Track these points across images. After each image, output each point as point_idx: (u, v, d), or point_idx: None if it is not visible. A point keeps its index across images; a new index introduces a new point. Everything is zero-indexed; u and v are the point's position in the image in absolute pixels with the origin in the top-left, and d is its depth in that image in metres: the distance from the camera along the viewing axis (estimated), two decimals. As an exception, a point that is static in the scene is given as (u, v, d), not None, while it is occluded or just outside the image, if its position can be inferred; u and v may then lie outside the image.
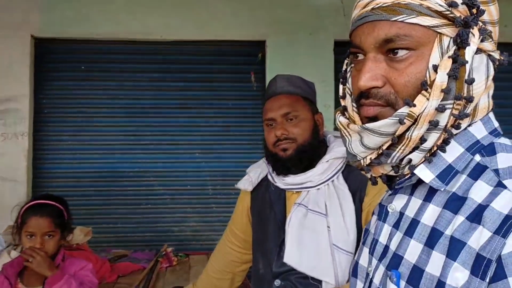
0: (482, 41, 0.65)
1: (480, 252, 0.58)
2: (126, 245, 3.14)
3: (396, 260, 0.70)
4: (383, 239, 0.76)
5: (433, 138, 0.66)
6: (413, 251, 0.68)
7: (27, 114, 3.15)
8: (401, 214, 0.73)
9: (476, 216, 0.61)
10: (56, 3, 3.17)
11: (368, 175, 0.76)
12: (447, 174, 0.67)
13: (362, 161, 0.71)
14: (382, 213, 0.78)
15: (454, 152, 0.67)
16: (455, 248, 0.61)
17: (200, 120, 3.39)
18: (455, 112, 0.65)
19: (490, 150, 0.66)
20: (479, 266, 0.58)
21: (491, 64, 0.67)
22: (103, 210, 3.32)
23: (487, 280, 0.56)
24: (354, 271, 0.85)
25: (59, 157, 3.29)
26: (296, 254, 1.48)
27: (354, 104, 0.74)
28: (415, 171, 0.68)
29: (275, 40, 3.27)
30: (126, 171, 3.35)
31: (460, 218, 0.62)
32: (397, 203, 0.75)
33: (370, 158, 0.70)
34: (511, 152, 0.65)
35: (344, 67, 0.80)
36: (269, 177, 1.61)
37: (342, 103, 0.78)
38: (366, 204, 1.46)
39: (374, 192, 1.47)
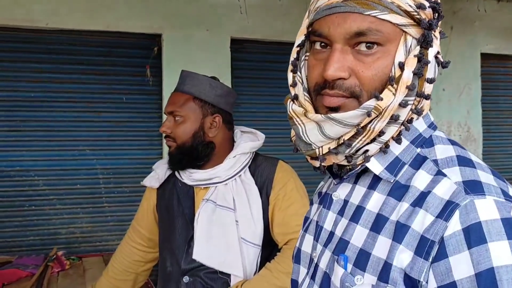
0: None
1: (424, 234, 0.62)
2: (9, 251, 2.86)
3: (342, 245, 0.73)
4: (328, 226, 0.79)
5: (391, 131, 0.69)
6: (359, 236, 0.71)
7: None
8: (345, 201, 0.76)
9: (419, 202, 0.65)
10: None
11: (317, 164, 0.76)
12: (395, 166, 0.71)
13: (317, 150, 0.72)
14: (327, 201, 0.80)
15: (400, 145, 0.72)
16: (400, 232, 0.65)
17: (90, 115, 3.20)
18: (413, 107, 0.69)
19: (428, 142, 0.72)
20: (422, 247, 0.62)
21: (437, 66, 0.72)
22: (-22, 214, 2.99)
23: (430, 260, 0.61)
24: (296, 258, 0.87)
25: None
26: (205, 250, 1.49)
27: (306, 94, 0.75)
28: (368, 165, 0.71)
29: (171, 34, 3.21)
30: (6, 170, 3.05)
31: (404, 205, 0.66)
32: (342, 191, 0.78)
33: (329, 148, 0.71)
34: (446, 144, 0.71)
35: (295, 55, 0.79)
36: (176, 173, 1.60)
37: (292, 92, 0.78)
38: (272, 198, 1.52)
39: (279, 186, 1.53)
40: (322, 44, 0.71)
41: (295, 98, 0.76)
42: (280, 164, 1.57)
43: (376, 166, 0.72)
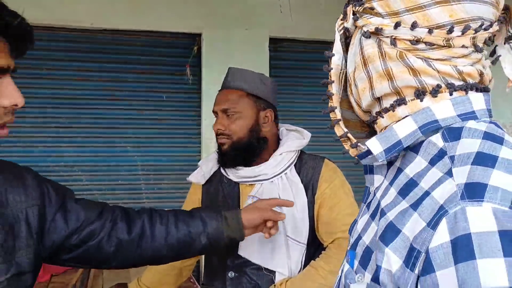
0: None
1: (413, 242, 0.56)
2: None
3: (357, 241, 0.70)
4: (359, 219, 0.77)
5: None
6: (370, 232, 0.68)
7: None
8: (374, 194, 0.74)
9: (417, 204, 0.58)
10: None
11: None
12: (393, 148, 0.65)
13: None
14: (365, 194, 0.79)
15: (407, 127, 0.65)
16: (390, 233, 0.60)
17: (132, 112, 3.27)
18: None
19: (456, 135, 0.61)
20: (410, 257, 0.55)
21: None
22: (25, 207, 3.10)
23: (416, 272, 0.54)
24: None
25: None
26: (250, 246, 1.50)
27: None
28: (367, 143, 0.67)
29: (210, 33, 3.25)
30: (51, 165, 3.16)
31: (404, 204, 0.61)
32: (376, 182, 0.74)
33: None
34: (477, 137, 0.60)
35: None
36: (222, 170, 1.61)
37: None
38: (318, 196, 1.52)
39: (326, 184, 1.53)
40: None
41: None
42: (326, 163, 1.57)
43: (376, 146, 0.67)
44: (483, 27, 0.64)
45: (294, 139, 1.57)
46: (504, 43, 0.68)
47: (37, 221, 0.94)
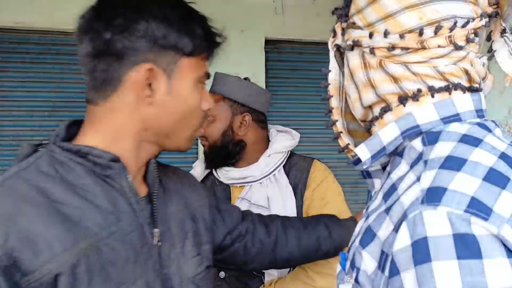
0: None
1: (382, 246, 0.58)
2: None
3: (352, 243, 0.72)
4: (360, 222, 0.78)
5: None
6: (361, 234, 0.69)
7: None
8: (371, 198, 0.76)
9: (389, 209, 0.60)
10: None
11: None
12: (378, 154, 0.67)
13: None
14: (368, 198, 0.82)
15: (390, 133, 0.66)
16: (367, 236, 0.62)
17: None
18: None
19: (434, 138, 0.62)
20: (381, 259, 0.58)
21: None
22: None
23: (386, 273, 0.56)
24: None
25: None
26: (240, 247, 1.52)
27: None
28: (356, 149, 0.69)
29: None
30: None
31: (381, 209, 0.63)
32: (376, 187, 0.76)
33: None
34: (453, 140, 0.59)
35: None
36: (214, 172, 1.63)
37: None
38: (307, 197, 1.53)
39: (314, 185, 1.54)
40: None
41: None
42: (315, 164, 1.58)
43: (364, 152, 0.68)
44: (457, 25, 0.64)
45: (282, 140, 1.59)
46: (501, 37, 0.69)
47: (208, 221, 1.02)
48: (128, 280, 0.76)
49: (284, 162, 1.58)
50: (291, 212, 1.51)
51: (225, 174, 1.58)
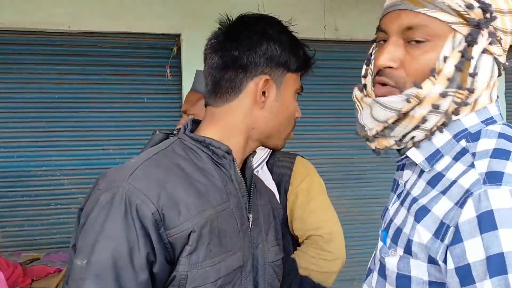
0: (490, 43, 0.74)
1: (443, 219, 0.69)
2: (37, 248, 2.95)
3: (389, 224, 0.83)
4: (389, 206, 0.89)
5: (433, 120, 0.76)
6: (400, 216, 0.80)
7: None
8: (404, 186, 0.86)
9: (446, 190, 0.72)
10: None
11: (372, 146, 0.85)
12: (434, 157, 0.78)
13: (368, 131, 0.82)
14: (394, 185, 0.91)
15: (443, 138, 0.77)
16: (421, 213, 0.73)
17: (113, 115, 3.26)
18: (457, 100, 0.75)
19: (475, 136, 0.75)
20: (440, 230, 0.69)
21: (496, 66, 0.77)
22: (8, 213, 3.09)
23: (446, 242, 0.68)
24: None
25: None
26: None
27: (372, 83, 0.85)
28: (408, 153, 0.80)
29: (190, 34, 3.24)
30: (33, 170, 3.14)
31: (434, 192, 0.74)
32: (404, 176, 0.87)
33: (376, 130, 0.81)
34: (492, 137, 0.73)
35: (370, 50, 0.90)
36: (196, 170, 1.62)
37: (363, 81, 0.89)
38: (291, 193, 1.52)
39: (298, 181, 1.53)
40: (383, 38, 0.81)
41: (364, 87, 0.88)
42: (298, 160, 1.58)
43: (417, 156, 0.79)
44: None
45: (266, 137, 1.58)
46: None
47: (280, 222, 1.17)
48: (232, 249, 0.91)
49: (267, 159, 1.57)
50: (275, 208, 1.51)
51: (209, 172, 1.57)
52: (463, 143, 0.76)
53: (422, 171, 0.80)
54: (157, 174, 0.87)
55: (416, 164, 0.82)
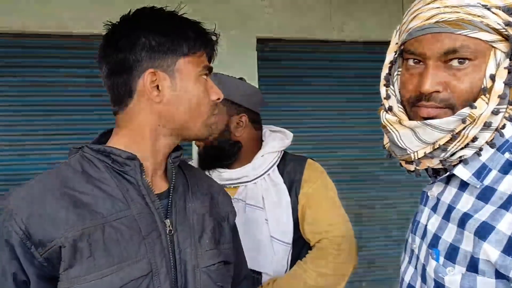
0: None
1: None
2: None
3: (435, 240, 0.82)
4: (423, 220, 0.88)
5: (484, 137, 0.77)
6: (449, 232, 0.79)
7: None
8: (438, 199, 0.85)
9: (507, 205, 0.71)
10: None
11: (411, 168, 0.85)
12: (482, 172, 0.78)
13: (413, 154, 0.82)
14: (423, 198, 0.91)
15: (488, 152, 0.78)
16: (485, 230, 0.72)
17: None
18: (507, 115, 0.77)
19: None
20: (510, 247, 0.68)
21: None
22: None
23: None
24: (405, 247, 0.97)
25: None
26: (236, 248, 1.51)
27: (400, 105, 0.85)
28: (455, 172, 0.80)
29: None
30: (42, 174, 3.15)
31: (490, 208, 0.73)
32: (436, 189, 0.87)
33: (425, 152, 0.80)
34: None
35: (387, 70, 0.90)
36: (207, 173, 1.62)
37: (386, 104, 0.88)
38: (302, 196, 1.53)
39: (309, 185, 1.54)
40: (415, 60, 0.81)
41: (390, 109, 0.87)
42: (309, 163, 1.58)
43: (464, 172, 0.79)
44: None
45: (276, 140, 1.58)
46: None
47: (232, 226, 1.15)
48: (130, 258, 0.88)
49: (278, 162, 1.58)
50: (286, 211, 1.51)
51: (219, 176, 1.57)
52: (507, 155, 0.77)
53: (462, 185, 0.81)
54: (33, 192, 0.88)
55: (449, 177, 0.83)
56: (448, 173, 0.82)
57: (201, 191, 1.08)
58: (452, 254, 0.77)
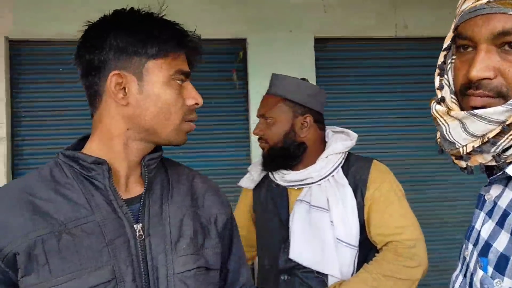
0: None
1: None
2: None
3: (486, 248, 0.72)
4: (478, 226, 0.79)
5: None
6: (502, 240, 0.69)
7: (4, 118, 3.05)
8: (495, 203, 0.75)
9: None
10: (28, 3, 3.07)
11: (463, 164, 0.77)
12: None
13: (461, 149, 0.73)
14: (480, 201, 0.81)
15: None
16: None
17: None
18: None
19: None
20: None
21: None
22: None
23: None
24: (459, 253, 0.89)
25: (38, 162, 3.18)
26: (301, 250, 1.51)
27: (454, 96, 0.76)
28: (508, 170, 0.69)
29: (255, 37, 3.26)
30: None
31: None
32: (493, 192, 0.76)
33: (473, 146, 0.71)
34: None
35: (442, 59, 0.81)
36: (270, 174, 1.63)
37: (438, 94, 0.79)
38: (368, 198, 1.50)
39: (375, 186, 1.51)
40: (467, 46, 0.72)
41: (442, 100, 0.78)
42: (375, 164, 1.55)
43: None
44: None
45: (340, 141, 1.56)
46: None
47: (222, 228, 1.06)
48: (90, 266, 0.85)
49: (342, 163, 1.56)
50: (352, 213, 1.49)
51: (283, 177, 1.58)
52: None
53: None
54: None
55: (509, 178, 0.72)
56: (501, 172, 0.71)
57: (181, 193, 1.02)
58: (501, 264, 0.67)
